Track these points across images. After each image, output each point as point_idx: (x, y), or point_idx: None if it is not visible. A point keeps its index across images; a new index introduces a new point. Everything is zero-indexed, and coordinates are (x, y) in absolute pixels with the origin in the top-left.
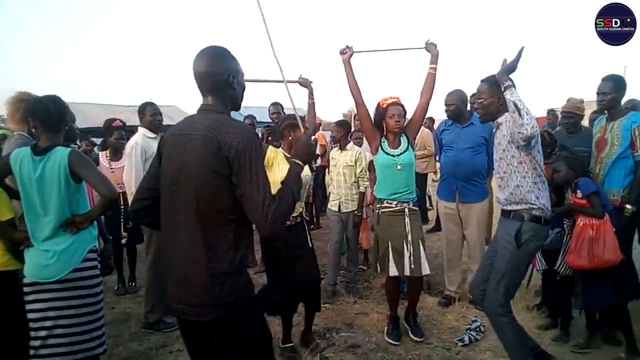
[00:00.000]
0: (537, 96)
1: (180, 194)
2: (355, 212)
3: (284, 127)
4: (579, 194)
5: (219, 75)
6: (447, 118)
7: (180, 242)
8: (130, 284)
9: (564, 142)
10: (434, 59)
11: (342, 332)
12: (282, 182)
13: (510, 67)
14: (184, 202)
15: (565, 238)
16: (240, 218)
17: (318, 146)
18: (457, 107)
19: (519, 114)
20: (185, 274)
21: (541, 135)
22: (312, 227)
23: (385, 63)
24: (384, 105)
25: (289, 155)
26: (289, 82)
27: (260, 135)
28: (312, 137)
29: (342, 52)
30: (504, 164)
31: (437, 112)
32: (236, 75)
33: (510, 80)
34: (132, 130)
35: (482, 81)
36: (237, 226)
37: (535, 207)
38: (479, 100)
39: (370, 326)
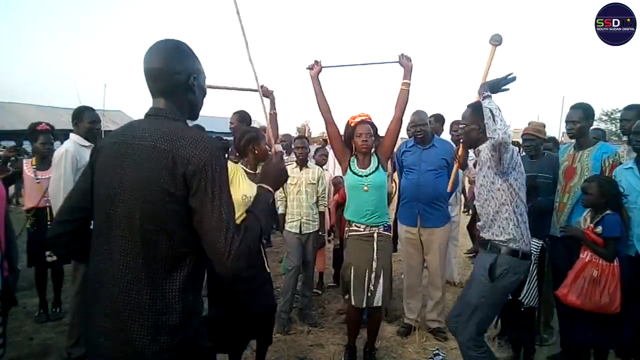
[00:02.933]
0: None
1: (118, 219)
2: (319, 232)
3: (246, 140)
4: (599, 229)
5: (177, 74)
6: (408, 139)
7: (117, 279)
8: (54, 309)
9: (525, 167)
10: (407, 74)
11: None
12: (247, 211)
13: (493, 84)
14: (124, 228)
15: (531, 267)
16: (197, 251)
17: None
18: (427, 128)
19: (493, 120)
20: (122, 321)
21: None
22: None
23: (358, 78)
24: (352, 124)
25: (250, 172)
26: (249, 90)
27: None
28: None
29: (310, 68)
30: (484, 191)
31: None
32: (197, 77)
33: (490, 93)
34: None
35: (468, 106)
36: (192, 262)
37: (511, 237)
38: (460, 125)
39: None
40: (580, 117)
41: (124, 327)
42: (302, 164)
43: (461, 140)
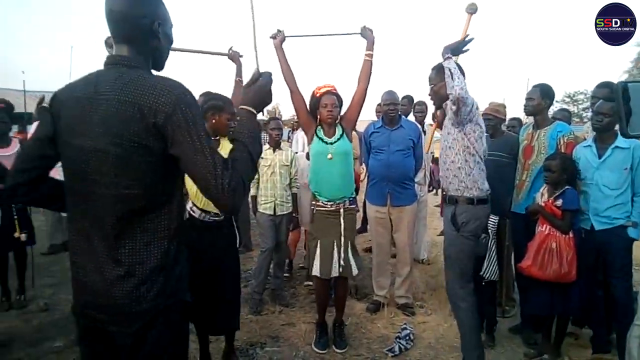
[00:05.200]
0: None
1: (92, 175)
2: (293, 213)
3: (208, 106)
4: (559, 202)
5: (141, 18)
6: (376, 119)
7: (94, 234)
8: (18, 297)
9: None
10: (370, 45)
11: (266, 347)
12: (232, 140)
13: (454, 47)
14: (98, 184)
15: (489, 243)
16: (174, 199)
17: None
18: (399, 107)
19: (452, 78)
20: (103, 273)
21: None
22: None
23: (324, 49)
24: (318, 95)
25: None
26: (216, 54)
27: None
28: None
29: (273, 37)
30: (444, 142)
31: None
32: (163, 24)
33: (450, 56)
34: (21, 116)
35: (431, 69)
36: (170, 210)
37: (465, 186)
38: (430, 86)
39: (297, 338)
40: (537, 96)
41: (105, 280)
42: (276, 145)
43: (432, 101)
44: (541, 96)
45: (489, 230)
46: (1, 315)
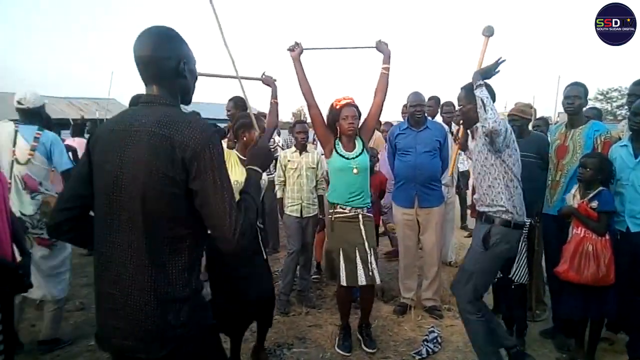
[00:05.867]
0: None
1: (121, 203)
2: (319, 215)
3: (238, 125)
4: (594, 204)
5: (167, 60)
6: (402, 120)
7: (122, 263)
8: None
9: None
10: (387, 59)
11: (294, 348)
12: (241, 192)
13: (486, 71)
14: (127, 213)
15: (520, 246)
16: (197, 232)
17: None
18: (425, 109)
19: (484, 109)
20: (129, 301)
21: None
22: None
23: (341, 63)
24: (337, 107)
25: (242, 157)
26: (249, 78)
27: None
28: (270, 140)
29: (290, 49)
30: (479, 166)
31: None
32: (187, 62)
33: (483, 81)
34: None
35: (461, 88)
36: (193, 242)
37: (504, 209)
38: (458, 107)
39: (324, 340)
40: (581, 94)
41: (132, 309)
42: (302, 148)
43: (460, 122)
44: (584, 95)
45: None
46: (41, 313)
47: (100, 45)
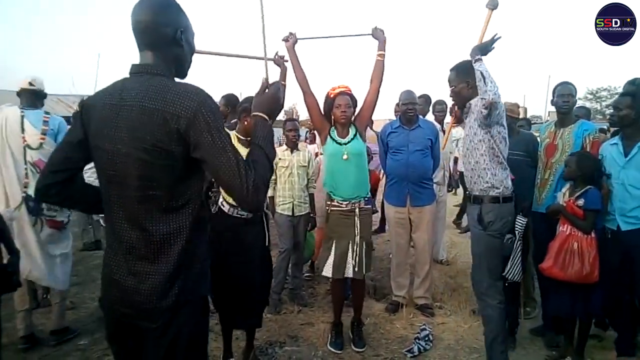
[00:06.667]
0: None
1: (119, 179)
2: (310, 214)
3: (240, 110)
4: (581, 202)
5: (165, 27)
6: (395, 119)
7: (125, 235)
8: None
9: None
10: (382, 46)
11: (285, 347)
12: (250, 142)
13: (483, 47)
14: (126, 188)
15: (515, 244)
16: (195, 200)
17: None
18: (417, 107)
19: (484, 82)
20: (132, 272)
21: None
22: None
23: (338, 51)
24: (332, 96)
25: (242, 137)
26: (261, 58)
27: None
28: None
29: (285, 39)
30: (468, 141)
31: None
32: (185, 31)
33: (480, 57)
34: None
35: (451, 70)
36: (192, 211)
37: (490, 185)
38: (450, 88)
39: (316, 338)
40: (573, 92)
41: (132, 278)
42: (293, 146)
43: (453, 102)
44: (575, 93)
45: (516, 232)
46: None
47: (86, 39)
